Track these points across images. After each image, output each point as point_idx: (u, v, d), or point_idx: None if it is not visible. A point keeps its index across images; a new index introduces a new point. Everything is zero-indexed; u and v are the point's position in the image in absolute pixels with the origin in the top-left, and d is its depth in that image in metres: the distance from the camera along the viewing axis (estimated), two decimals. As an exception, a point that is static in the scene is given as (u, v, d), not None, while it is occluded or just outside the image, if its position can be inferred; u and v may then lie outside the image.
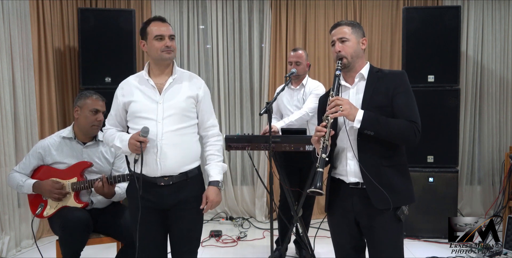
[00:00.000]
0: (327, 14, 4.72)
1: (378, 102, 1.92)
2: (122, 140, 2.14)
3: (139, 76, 2.23)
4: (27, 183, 2.65)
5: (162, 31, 2.13)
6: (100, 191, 2.59)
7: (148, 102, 2.14)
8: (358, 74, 2.00)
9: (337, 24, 2.03)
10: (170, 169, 2.12)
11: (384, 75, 1.98)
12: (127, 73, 3.99)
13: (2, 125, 3.50)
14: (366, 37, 2.03)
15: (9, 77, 3.58)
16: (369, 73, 2.00)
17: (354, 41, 1.97)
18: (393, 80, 1.95)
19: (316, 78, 4.25)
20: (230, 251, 3.80)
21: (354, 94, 2.00)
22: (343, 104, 1.85)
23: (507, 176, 3.79)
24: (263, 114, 2.80)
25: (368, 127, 1.86)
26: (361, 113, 1.86)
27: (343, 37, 1.97)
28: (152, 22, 2.16)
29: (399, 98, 1.91)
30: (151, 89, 2.16)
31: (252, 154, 4.66)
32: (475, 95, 4.59)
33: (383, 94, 1.93)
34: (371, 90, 1.95)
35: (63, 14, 4.32)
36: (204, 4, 4.76)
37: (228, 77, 4.75)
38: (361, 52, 2.01)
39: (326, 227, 4.32)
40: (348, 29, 1.98)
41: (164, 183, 2.13)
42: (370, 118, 1.86)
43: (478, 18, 4.55)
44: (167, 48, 2.13)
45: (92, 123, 2.68)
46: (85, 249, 2.56)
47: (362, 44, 2.01)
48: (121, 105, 2.20)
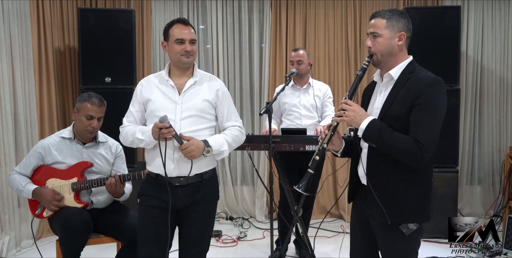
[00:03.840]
0: (327, 14, 4.72)
1: (395, 111, 1.75)
2: (144, 132, 2.13)
3: (159, 76, 2.23)
4: (26, 189, 2.63)
5: (183, 35, 2.12)
6: (112, 188, 2.59)
7: (167, 102, 2.14)
8: (386, 74, 1.83)
9: (374, 14, 1.84)
10: (186, 169, 2.11)
11: (414, 79, 1.77)
12: (127, 73, 4.06)
13: (2, 125, 3.50)
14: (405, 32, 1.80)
15: (9, 77, 3.58)
16: (401, 74, 1.80)
17: (387, 37, 1.78)
18: (417, 89, 1.72)
19: (316, 78, 4.25)
20: (230, 251, 3.80)
21: (381, 96, 1.85)
22: (347, 110, 1.77)
23: (507, 176, 3.79)
24: (263, 114, 2.81)
25: (369, 139, 1.76)
26: (366, 123, 1.74)
27: (374, 32, 1.80)
28: (175, 24, 2.15)
29: (415, 111, 1.71)
30: (171, 89, 2.17)
31: (252, 154, 4.66)
32: (475, 95, 4.59)
33: (403, 103, 1.73)
34: (394, 97, 1.77)
35: (63, 14, 4.32)
36: (204, 4, 4.76)
37: (228, 77, 4.75)
38: (396, 48, 1.79)
39: (326, 227, 4.36)
40: (382, 23, 1.79)
41: (179, 184, 2.13)
42: (373, 131, 1.73)
43: (478, 18, 4.55)
44: (186, 52, 2.12)
45: (85, 129, 2.65)
46: (85, 249, 2.56)
47: (399, 40, 1.79)
48: (142, 103, 2.21)
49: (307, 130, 3.21)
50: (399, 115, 1.74)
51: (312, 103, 3.45)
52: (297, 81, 3.51)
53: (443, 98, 1.76)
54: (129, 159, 3.09)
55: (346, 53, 4.72)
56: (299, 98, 3.48)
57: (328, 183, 4.66)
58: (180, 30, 2.13)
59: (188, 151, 2.05)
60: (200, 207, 2.17)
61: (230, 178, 4.77)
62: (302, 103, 3.47)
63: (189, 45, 2.13)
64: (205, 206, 2.19)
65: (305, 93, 3.48)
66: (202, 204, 2.18)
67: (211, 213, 2.24)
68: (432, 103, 1.71)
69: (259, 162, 4.75)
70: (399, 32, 1.79)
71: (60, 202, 2.60)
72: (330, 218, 4.66)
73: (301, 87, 3.49)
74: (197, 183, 2.16)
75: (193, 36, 2.16)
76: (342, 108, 1.79)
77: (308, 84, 3.48)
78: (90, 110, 2.63)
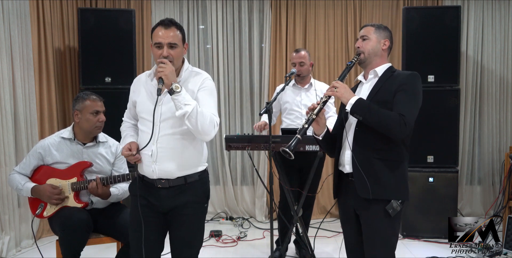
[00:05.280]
0: (327, 14, 4.72)
1: (382, 97, 2.01)
2: (124, 142, 2.16)
3: (149, 75, 2.17)
4: (25, 187, 2.64)
5: (159, 38, 2.00)
6: (94, 192, 2.60)
7: (149, 103, 2.09)
8: (372, 71, 2.11)
9: (364, 25, 2.19)
10: (165, 172, 2.08)
11: (397, 75, 2.07)
12: (127, 73, 4.06)
13: (2, 125, 3.50)
14: (389, 39, 2.14)
15: (9, 77, 3.58)
16: (385, 72, 2.10)
17: (375, 41, 2.10)
18: (401, 79, 2.02)
19: (316, 78, 4.25)
20: (230, 251, 3.80)
21: (366, 90, 2.11)
22: (338, 87, 2.02)
23: (507, 176, 3.79)
24: (263, 114, 2.80)
25: (357, 111, 1.95)
26: (355, 98, 1.98)
27: (364, 36, 2.12)
28: (157, 26, 2.05)
29: (399, 95, 1.98)
30: (154, 90, 2.08)
31: (252, 154, 4.66)
32: (475, 95, 4.59)
33: (388, 91, 2.01)
34: (380, 86, 2.05)
35: (63, 14, 4.32)
36: (204, 4, 4.76)
37: (228, 77, 4.75)
38: (380, 51, 2.12)
39: (326, 227, 4.36)
40: (371, 29, 2.12)
41: (161, 186, 2.11)
42: (362, 104, 1.96)
43: (478, 18, 4.55)
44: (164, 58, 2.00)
45: (94, 125, 2.68)
46: (85, 249, 2.56)
47: (384, 45, 2.12)
48: (131, 102, 2.22)
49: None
50: (385, 100, 1.99)
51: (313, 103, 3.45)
52: (298, 81, 3.50)
53: (421, 88, 2.05)
54: (129, 159, 3.09)
55: (346, 53, 4.72)
56: (301, 98, 3.47)
57: (328, 183, 4.64)
58: (158, 33, 2.02)
59: (163, 67, 1.94)
60: (187, 210, 2.13)
61: (230, 178, 4.77)
62: (304, 103, 3.46)
63: (167, 49, 2.00)
64: (192, 209, 2.14)
65: (306, 93, 3.48)
66: (189, 208, 2.14)
67: (199, 216, 2.19)
68: (414, 90, 2.01)
69: (259, 162, 4.75)
70: (384, 38, 2.12)
71: (60, 195, 2.61)
72: (330, 218, 4.66)
73: (303, 87, 3.49)
74: (180, 186, 2.12)
75: (172, 39, 2.00)
76: (334, 85, 2.03)
77: (310, 84, 3.48)
78: (94, 106, 2.66)
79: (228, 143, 3.03)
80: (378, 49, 2.11)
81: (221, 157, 4.71)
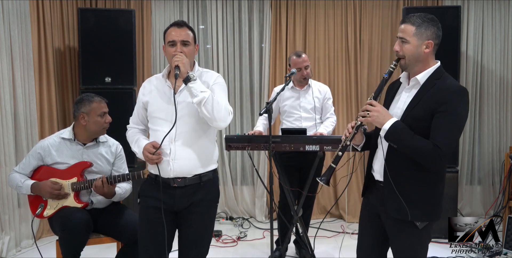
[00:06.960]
0: (327, 14, 4.71)
1: (417, 113, 1.83)
2: (139, 146, 2.18)
3: (160, 77, 2.24)
4: (25, 184, 2.65)
5: (173, 37, 2.11)
6: (100, 190, 2.60)
7: (164, 103, 2.15)
8: (413, 78, 1.90)
9: (405, 19, 1.88)
10: (183, 170, 2.12)
11: (440, 86, 1.82)
12: (127, 73, 4.06)
13: (2, 125, 3.50)
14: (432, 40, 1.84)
15: (9, 77, 3.58)
16: (428, 79, 1.86)
17: (415, 44, 1.83)
18: (442, 96, 1.78)
19: (316, 79, 4.26)
20: (230, 251, 3.80)
21: (404, 100, 1.92)
22: (371, 111, 1.85)
23: (507, 176, 3.79)
24: (263, 114, 2.80)
25: (391, 139, 1.83)
26: (389, 124, 1.82)
27: (403, 38, 1.85)
28: (170, 27, 2.16)
29: (438, 118, 1.78)
30: (168, 90, 2.16)
31: (252, 154, 4.66)
32: (475, 95, 4.58)
33: (426, 106, 1.81)
34: (418, 100, 1.84)
35: (63, 14, 4.32)
36: (204, 4, 4.76)
37: (228, 77, 4.75)
38: (422, 55, 1.85)
39: (326, 227, 4.36)
40: (411, 29, 1.83)
41: (177, 185, 2.14)
42: (395, 132, 1.81)
43: (478, 18, 4.55)
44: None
45: (102, 127, 2.72)
46: (85, 249, 2.56)
47: (426, 48, 1.84)
48: (141, 104, 2.24)
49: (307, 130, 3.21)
50: (420, 118, 1.81)
51: (311, 105, 3.45)
52: (298, 84, 3.50)
53: (466, 108, 1.83)
54: (129, 159, 3.10)
55: (346, 53, 4.72)
56: (299, 101, 3.48)
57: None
58: (171, 32, 2.13)
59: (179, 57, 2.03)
60: (199, 209, 2.16)
61: (230, 178, 4.77)
62: (302, 105, 3.46)
63: (180, 46, 2.10)
64: (204, 208, 2.18)
65: (305, 95, 3.48)
66: (201, 206, 2.17)
67: (210, 216, 2.23)
68: (455, 112, 1.78)
69: (259, 162, 4.75)
70: (426, 40, 1.84)
71: (60, 190, 2.61)
72: (330, 218, 4.66)
73: (301, 89, 3.48)
74: (196, 185, 2.16)
75: (185, 37, 2.12)
76: (367, 109, 1.87)
77: (308, 86, 3.48)
78: (101, 107, 2.71)
79: (228, 143, 3.03)
80: (419, 54, 1.84)
81: (221, 157, 4.71)
